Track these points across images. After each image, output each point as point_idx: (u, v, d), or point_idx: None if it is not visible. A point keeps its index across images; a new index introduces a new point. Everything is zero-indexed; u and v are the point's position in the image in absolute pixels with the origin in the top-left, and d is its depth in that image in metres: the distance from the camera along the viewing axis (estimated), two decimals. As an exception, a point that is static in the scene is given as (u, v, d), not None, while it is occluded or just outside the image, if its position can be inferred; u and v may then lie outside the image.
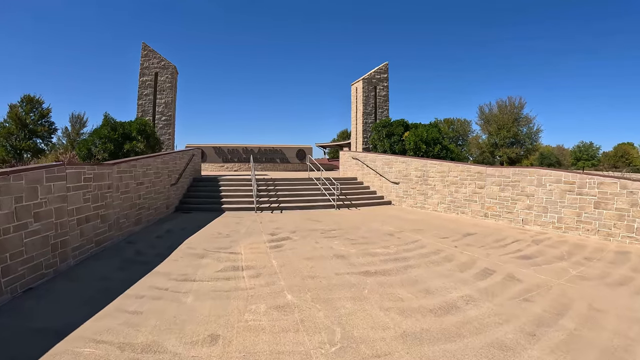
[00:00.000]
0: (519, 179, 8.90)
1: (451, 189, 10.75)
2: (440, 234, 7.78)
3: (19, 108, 28.81)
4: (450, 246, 6.64)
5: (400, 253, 6.09)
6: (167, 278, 4.70)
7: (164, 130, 14.86)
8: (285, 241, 6.80)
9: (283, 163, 24.06)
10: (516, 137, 38.94)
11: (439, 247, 6.57)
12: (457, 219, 9.85)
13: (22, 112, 28.70)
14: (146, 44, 14.86)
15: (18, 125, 27.69)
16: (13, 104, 29.14)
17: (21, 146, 26.18)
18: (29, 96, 29.87)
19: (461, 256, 5.94)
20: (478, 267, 5.37)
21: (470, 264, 5.53)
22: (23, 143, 26.79)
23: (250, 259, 5.52)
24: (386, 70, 19.67)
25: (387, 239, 7.20)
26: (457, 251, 6.28)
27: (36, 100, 30.21)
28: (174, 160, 10.54)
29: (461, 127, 53.42)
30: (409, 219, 9.86)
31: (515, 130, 38.64)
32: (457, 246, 6.67)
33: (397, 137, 16.93)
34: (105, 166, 6.34)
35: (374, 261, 5.53)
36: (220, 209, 10.75)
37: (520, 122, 39.34)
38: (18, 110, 28.44)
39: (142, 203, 8.00)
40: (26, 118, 28.41)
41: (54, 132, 30.64)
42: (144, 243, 6.69)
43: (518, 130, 38.95)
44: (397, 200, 12.76)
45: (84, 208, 5.69)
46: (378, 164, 13.86)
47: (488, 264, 5.52)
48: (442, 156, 15.50)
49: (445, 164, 11.11)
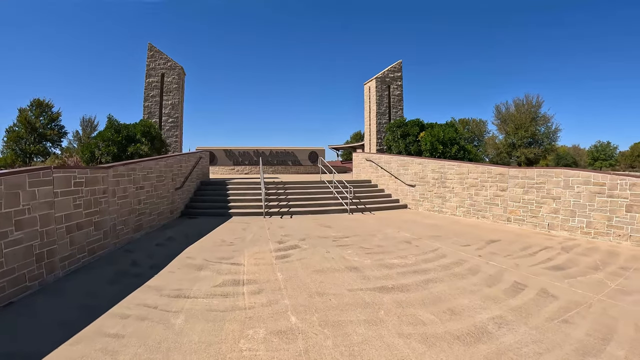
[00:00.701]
0: (544, 180, 8.32)
1: (471, 192, 10.16)
2: (461, 241, 7.20)
3: (29, 112, 29.30)
4: (473, 255, 6.05)
5: (419, 264, 5.51)
6: (159, 294, 4.25)
7: (171, 133, 14.61)
8: (293, 250, 6.29)
9: (295, 165, 23.65)
10: (534, 136, 37.68)
11: (461, 256, 5.98)
12: (477, 224, 9.24)
13: (31, 116, 29.16)
14: (152, 45, 14.69)
15: (27, 129, 28.13)
16: (23, 108, 29.72)
17: (30, 150, 26.52)
18: (38, 100, 30.34)
19: (487, 267, 5.35)
20: (507, 280, 4.77)
21: (497, 277, 4.94)
22: (32, 147, 27.15)
23: (253, 272, 5.03)
24: (400, 68, 19.09)
25: (404, 247, 6.62)
26: (482, 261, 5.68)
27: (46, 104, 30.65)
28: (179, 163, 10.19)
29: (476, 128, 52.19)
30: (427, 224, 9.28)
31: (533, 129, 37.40)
32: (481, 255, 6.07)
33: (413, 137, 16.34)
34: (99, 169, 5.98)
35: (390, 274, 4.97)
36: (228, 214, 10.34)
37: (538, 121, 38.07)
38: (27, 114, 28.88)
39: (142, 208, 7.64)
40: (36, 122, 28.83)
41: (64, 136, 31.10)
42: (142, 252, 6.29)
43: (536, 130, 37.72)
44: (413, 203, 12.20)
45: (75, 214, 5.32)
46: (393, 165, 13.31)
47: (518, 276, 4.94)
48: (459, 157, 14.87)
49: (464, 165, 10.50)
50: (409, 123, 16.94)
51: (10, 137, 27.86)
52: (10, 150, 27.20)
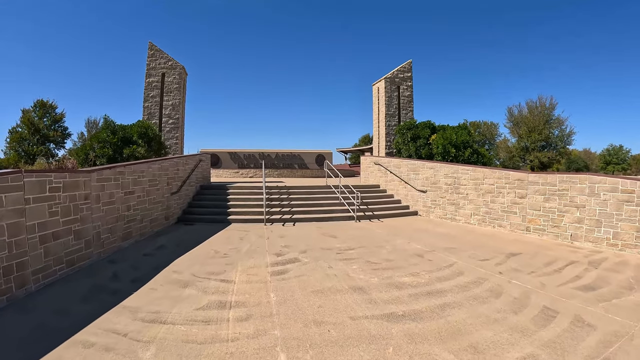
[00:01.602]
0: (567, 187, 7.77)
1: (486, 199, 9.58)
2: (479, 254, 6.60)
3: (32, 113, 29.40)
4: (493, 272, 5.45)
5: (433, 283, 4.91)
6: (133, 316, 3.75)
7: (171, 134, 14.25)
8: (292, 264, 5.74)
9: (301, 169, 23.16)
10: (547, 140, 36.66)
11: (480, 273, 5.37)
12: (494, 234, 8.64)
13: (35, 117, 29.25)
14: (153, 44, 14.41)
15: (30, 130, 28.19)
16: (26, 109, 29.85)
17: (33, 151, 26.53)
18: (41, 101, 30.39)
19: (510, 288, 4.75)
20: (535, 305, 4.17)
21: (523, 300, 4.33)
22: (35, 148, 27.17)
23: (244, 291, 4.49)
24: (410, 68, 18.60)
25: (416, 261, 6.03)
26: (504, 280, 5.08)
27: (49, 105, 30.74)
28: (176, 166, 9.75)
29: (488, 131, 51.21)
30: (439, 233, 8.70)
31: (547, 132, 36.38)
32: (502, 272, 5.46)
33: (424, 140, 15.77)
34: (80, 173, 5.53)
35: (400, 297, 4.38)
36: (227, 220, 9.86)
37: (551, 124, 37.06)
38: (31, 115, 28.97)
39: (132, 215, 7.18)
40: (39, 123, 28.88)
41: (67, 137, 31.05)
42: (127, 263, 5.82)
43: (550, 133, 36.68)
44: (424, 210, 11.62)
45: (51, 223, 4.87)
46: (403, 170, 12.74)
47: (546, 299, 4.34)
48: (472, 161, 14.29)
49: (479, 170, 9.93)
50: (419, 125, 16.40)
51: (13, 138, 27.98)
52: (14, 151, 27.32)
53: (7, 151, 28.18)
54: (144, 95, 14.12)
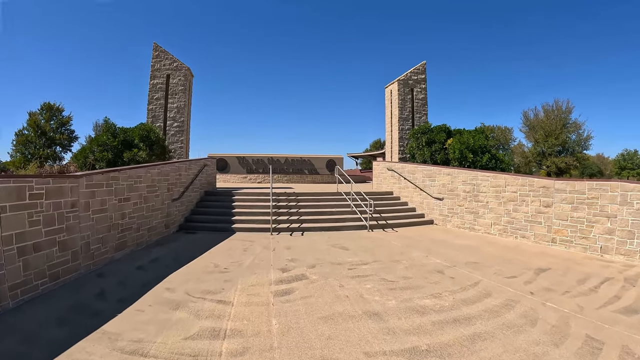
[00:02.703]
0: (596, 195, 7.26)
1: (508, 207, 9.03)
2: (504, 270, 6.03)
3: (39, 115, 29.64)
4: (524, 292, 4.88)
5: (459, 307, 4.33)
6: (111, 345, 3.27)
7: (176, 138, 13.92)
8: (298, 282, 5.20)
9: (311, 174, 22.71)
10: (564, 144, 35.53)
11: (509, 294, 4.79)
12: (517, 246, 8.07)
13: (41, 119, 29.47)
14: (157, 45, 14.20)
15: (37, 132, 28.39)
16: (32, 112, 30.12)
17: (40, 154, 26.69)
18: (48, 104, 30.64)
19: (546, 312, 4.18)
20: (576, 334, 3.60)
21: (563, 327, 3.76)
22: (41, 151, 27.33)
23: (242, 316, 3.97)
24: (424, 70, 18.10)
25: (437, 279, 5.45)
26: (537, 302, 4.51)
27: (56, 108, 30.95)
28: (178, 171, 9.36)
29: (502, 135, 50.08)
30: (458, 245, 8.14)
31: (564, 137, 35.27)
32: (534, 293, 4.88)
33: (439, 145, 15.20)
34: (66, 178, 5.13)
35: (423, 325, 3.81)
36: (231, 229, 9.39)
37: (568, 128, 35.93)
38: (37, 118, 29.20)
39: (127, 223, 6.77)
40: (45, 126, 29.09)
41: (74, 140, 31.14)
42: (116, 277, 5.38)
43: (566, 138, 35.55)
44: (440, 219, 11.07)
45: (31, 233, 4.46)
46: (418, 176, 12.18)
47: (587, 326, 3.78)
48: (490, 167, 13.70)
49: (501, 176, 9.35)
50: (434, 129, 15.84)
51: (19, 141, 28.21)
52: (20, 153, 27.52)
53: (13, 154, 28.50)
54: (148, 98, 13.88)
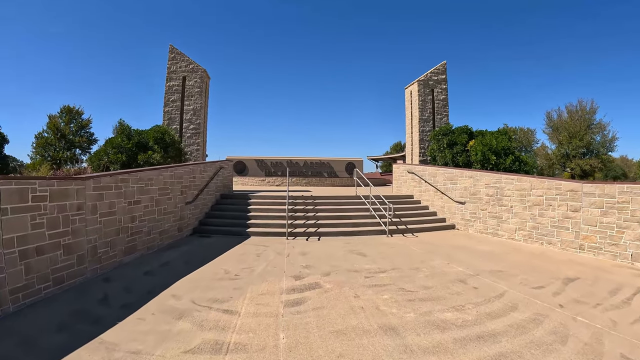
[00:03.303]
0: (627, 199, 6.81)
1: (534, 212, 8.55)
2: (531, 279, 5.58)
3: (58, 119, 30.62)
4: (552, 305, 4.43)
5: (483, 322, 3.90)
6: (108, 356, 3.08)
7: (192, 140, 13.91)
8: (311, 292, 4.87)
9: (330, 177, 22.42)
10: (588, 146, 33.87)
11: (537, 307, 4.36)
12: (543, 253, 7.59)
13: (61, 122, 30.44)
14: (174, 47, 14.32)
15: (57, 135, 29.31)
16: (52, 115, 31.19)
17: (59, 156, 27.51)
18: (68, 107, 31.65)
19: (577, 328, 3.76)
20: (612, 354, 3.20)
21: (596, 346, 3.35)
22: (60, 153, 28.17)
23: (248, 328, 3.68)
24: (444, 70, 17.66)
25: (459, 289, 5.02)
26: (567, 317, 4.07)
27: (76, 111, 31.93)
28: (192, 173, 9.24)
29: (524, 137, 48.26)
30: (481, 251, 7.69)
31: (589, 138, 33.62)
32: (563, 305, 4.43)
33: (461, 146, 14.65)
34: (72, 181, 5.02)
35: (444, 342, 3.41)
36: (245, 233, 9.18)
37: (593, 129, 34.24)
38: (57, 121, 30.17)
39: (137, 227, 6.65)
40: (65, 129, 30.02)
41: (93, 143, 31.92)
42: (123, 282, 5.22)
43: (591, 139, 33.87)
44: (462, 224, 10.59)
45: (34, 236, 4.35)
46: (439, 179, 11.71)
47: (623, 345, 3.38)
48: (514, 169, 13.09)
49: (526, 179, 8.87)
50: (456, 130, 15.32)
51: (39, 143, 29.20)
52: (40, 156, 28.46)
53: (33, 156, 29.54)
54: (164, 100, 13.99)
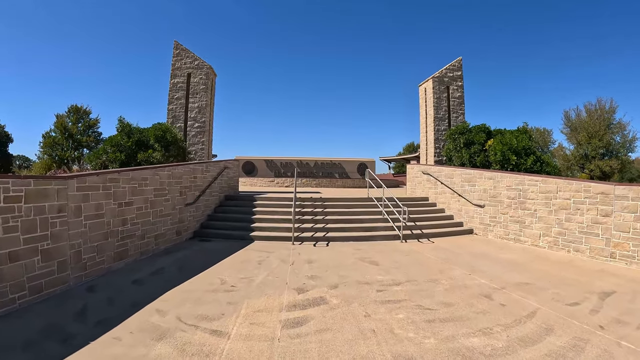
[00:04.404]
0: None
1: (560, 216, 7.96)
2: (563, 293, 4.98)
3: (66, 118, 30.82)
4: (592, 327, 3.83)
5: (515, 350, 3.33)
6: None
7: (197, 139, 13.54)
8: (314, 309, 4.33)
9: (342, 179, 21.89)
10: (608, 147, 32.49)
11: (575, 330, 3.76)
12: (571, 262, 6.99)
13: (68, 122, 30.64)
14: (178, 43, 14.05)
15: (64, 135, 29.49)
16: (60, 114, 31.38)
17: (66, 156, 27.63)
18: (75, 106, 31.85)
19: (623, 356, 3.19)
20: None
21: None
22: (67, 153, 28.31)
23: (236, 356, 3.17)
24: (460, 67, 17.07)
25: (484, 307, 4.42)
26: (610, 341, 3.49)
27: (83, 111, 32.13)
28: (193, 173, 8.82)
29: (541, 137, 46.84)
30: (504, 260, 7.09)
31: (608, 138, 32.24)
32: (604, 327, 3.83)
33: (479, 146, 14.02)
34: (52, 180, 4.62)
35: (477, 381, 2.83)
36: (249, 237, 8.71)
37: (612, 129, 32.85)
38: (64, 120, 30.37)
39: (129, 230, 6.24)
40: (72, 128, 30.19)
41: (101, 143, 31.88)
42: (107, 292, 4.79)
43: (611, 139, 32.48)
44: (481, 228, 10.01)
45: (7, 240, 3.99)
46: (456, 180, 11.15)
47: None
48: (535, 170, 12.39)
49: (551, 181, 8.24)
50: (473, 129, 14.69)
51: (46, 143, 29.44)
52: (47, 155, 28.67)
53: (41, 156, 29.79)
54: (168, 98, 13.72)
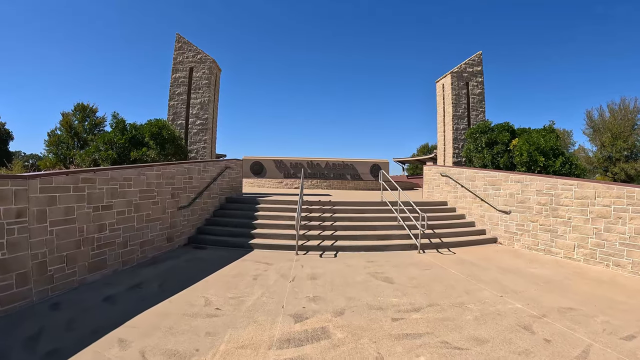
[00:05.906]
0: None
1: (598, 225, 7.17)
2: (614, 322, 4.17)
3: (72, 116, 30.88)
4: None
5: None
6: None
7: (199, 137, 12.95)
8: (313, 345, 3.56)
9: (354, 180, 21.17)
10: (632, 148, 30.88)
11: None
12: (613, 279, 6.13)
13: (74, 120, 30.70)
14: (181, 35, 13.56)
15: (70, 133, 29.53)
16: (66, 112, 31.53)
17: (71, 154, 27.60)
18: (82, 104, 31.94)
19: None
20: None
21: None
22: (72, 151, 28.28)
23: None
24: (480, 61, 16.19)
25: (526, 345, 3.57)
26: None
27: (90, 109, 32.17)
28: (187, 173, 8.19)
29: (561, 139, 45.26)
30: (537, 276, 6.26)
31: (633, 139, 30.67)
32: None
33: (502, 146, 13.15)
34: (9, 180, 3.99)
35: None
36: (248, 245, 8.03)
37: (637, 130, 31.26)
38: (70, 119, 30.43)
39: (107, 237, 5.61)
40: (78, 127, 30.23)
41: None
42: (72, 311, 4.17)
43: (636, 140, 30.91)
44: (506, 237, 9.17)
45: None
46: (478, 183, 10.28)
47: None
48: (564, 172, 11.54)
49: (588, 185, 7.39)
50: (495, 128, 13.82)
51: (51, 141, 29.55)
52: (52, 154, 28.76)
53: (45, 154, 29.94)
54: (169, 93, 13.20)
